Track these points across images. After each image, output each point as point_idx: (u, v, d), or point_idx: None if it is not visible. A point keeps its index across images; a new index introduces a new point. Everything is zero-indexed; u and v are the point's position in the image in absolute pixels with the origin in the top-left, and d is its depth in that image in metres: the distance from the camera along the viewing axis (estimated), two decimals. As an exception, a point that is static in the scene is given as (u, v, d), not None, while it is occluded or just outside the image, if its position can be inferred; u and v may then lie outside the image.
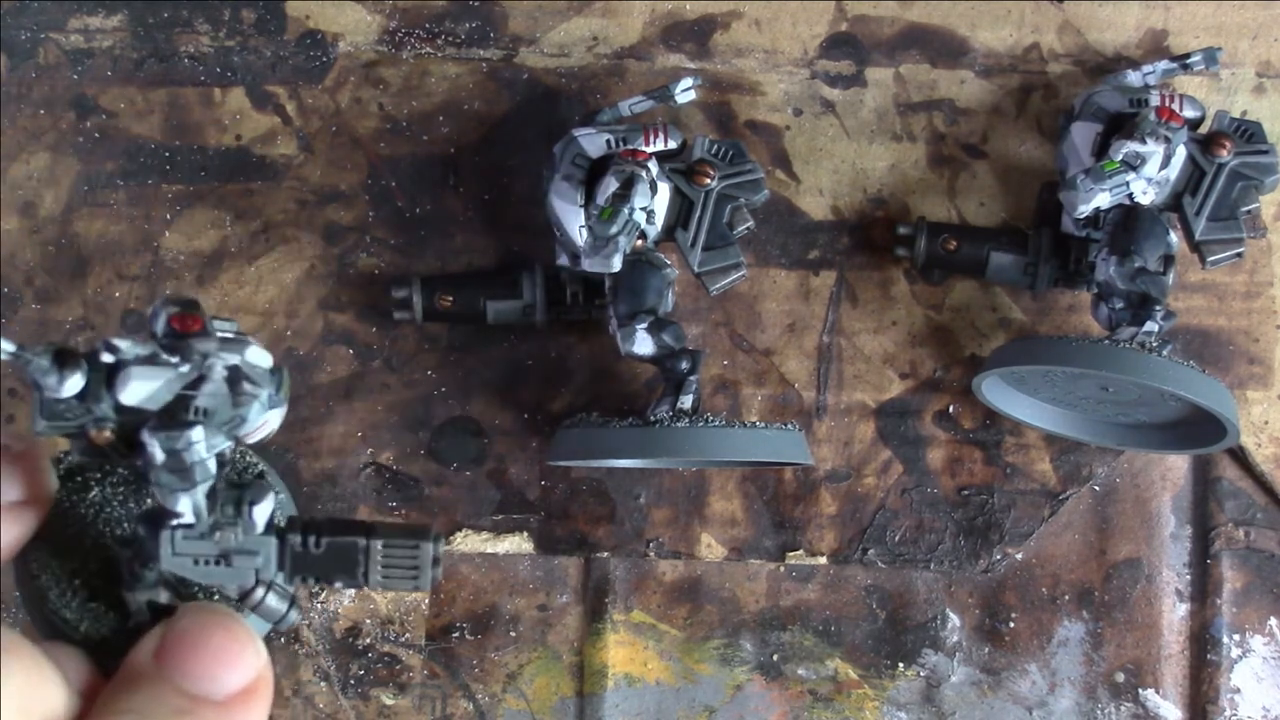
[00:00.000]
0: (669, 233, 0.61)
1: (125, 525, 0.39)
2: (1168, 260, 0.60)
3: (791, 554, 0.67)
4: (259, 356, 0.37)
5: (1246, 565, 0.67)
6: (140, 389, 0.35)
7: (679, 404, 0.60)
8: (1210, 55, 0.64)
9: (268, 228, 0.67)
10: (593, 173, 0.60)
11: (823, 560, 0.67)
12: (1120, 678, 0.67)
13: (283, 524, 0.38)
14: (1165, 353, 0.58)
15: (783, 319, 0.67)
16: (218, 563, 0.37)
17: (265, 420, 0.37)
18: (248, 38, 0.67)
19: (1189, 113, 0.61)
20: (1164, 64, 0.64)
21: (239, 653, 0.35)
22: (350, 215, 0.67)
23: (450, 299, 0.64)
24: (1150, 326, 0.59)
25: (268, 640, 0.41)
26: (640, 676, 0.68)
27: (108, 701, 0.34)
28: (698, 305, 0.67)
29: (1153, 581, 0.67)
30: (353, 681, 0.67)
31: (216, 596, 0.40)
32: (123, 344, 0.35)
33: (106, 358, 0.35)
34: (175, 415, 0.36)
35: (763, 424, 0.61)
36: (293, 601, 0.40)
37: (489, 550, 0.67)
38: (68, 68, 0.67)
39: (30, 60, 0.67)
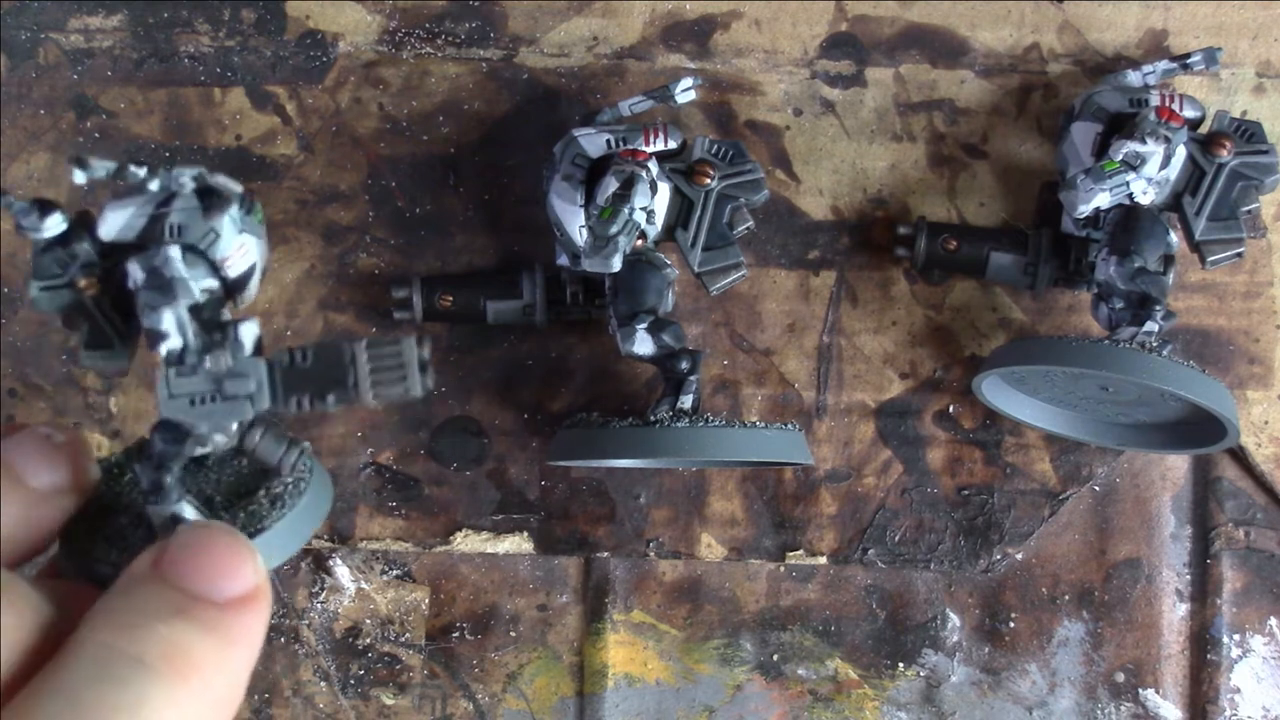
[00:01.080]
0: (669, 233, 0.61)
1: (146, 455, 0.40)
2: (1168, 260, 0.60)
3: (791, 554, 0.67)
4: (228, 180, 0.38)
5: (1246, 565, 0.67)
6: (116, 219, 0.37)
7: (679, 404, 0.60)
8: (1210, 55, 0.64)
9: (268, 228, 0.67)
10: (593, 173, 0.60)
11: (823, 560, 0.67)
12: (1120, 678, 0.67)
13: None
14: (1165, 353, 0.58)
15: (783, 319, 0.67)
16: (213, 398, 0.38)
17: (242, 244, 0.38)
18: (248, 38, 0.67)
19: (1189, 113, 0.61)
20: (1164, 64, 0.64)
21: (238, 563, 0.35)
22: (350, 215, 0.67)
23: (450, 299, 0.64)
24: (1150, 326, 0.59)
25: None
26: (640, 676, 0.68)
27: (104, 604, 0.34)
28: (698, 305, 0.67)
29: (1153, 581, 0.67)
30: (353, 681, 0.67)
31: (239, 510, 0.40)
32: (91, 158, 0.36)
33: (78, 176, 0.36)
34: (152, 242, 0.37)
35: (763, 424, 0.61)
36: (291, 441, 0.40)
37: (489, 550, 0.67)
38: (68, 68, 0.67)
39: (30, 60, 0.67)
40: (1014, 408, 0.65)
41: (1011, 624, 0.67)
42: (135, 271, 0.37)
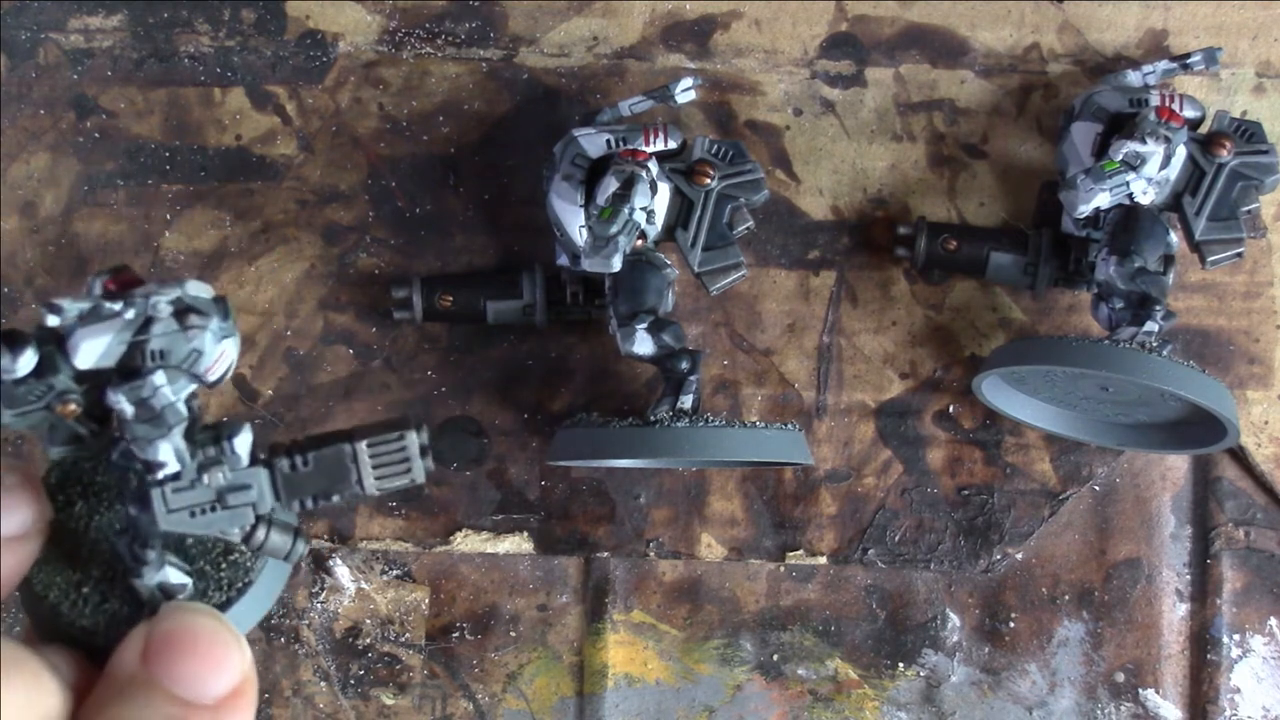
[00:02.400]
0: (669, 233, 0.61)
1: (117, 524, 0.39)
2: (1168, 260, 0.60)
3: (791, 554, 0.67)
4: (199, 288, 0.37)
5: (1246, 565, 0.67)
6: (92, 348, 0.36)
7: (679, 404, 0.60)
8: (1210, 55, 0.64)
9: (268, 228, 0.67)
10: (593, 173, 0.60)
11: (823, 560, 0.67)
12: (1120, 678, 0.67)
13: (264, 455, 0.38)
14: (1165, 353, 0.58)
15: (783, 319, 0.67)
16: (213, 508, 0.37)
17: (222, 351, 0.37)
18: (248, 38, 0.67)
19: (1189, 113, 0.61)
20: (1164, 64, 0.64)
21: (225, 655, 0.35)
22: (350, 215, 0.67)
23: (450, 299, 0.64)
24: (1150, 326, 0.59)
25: (264, 621, 0.41)
26: (640, 676, 0.68)
27: (98, 707, 0.34)
28: (698, 305, 0.67)
29: (1153, 581, 0.67)
30: (353, 681, 0.67)
31: (222, 561, 0.40)
32: (64, 302, 0.36)
33: (51, 320, 0.35)
34: (133, 366, 0.36)
35: (763, 424, 0.61)
36: (297, 533, 0.40)
37: (489, 550, 0.67)
38: (68, 68, 0.67)
39: (30, 60, 0.67)
40: (1014, 408, 0.65)
41: (1011, 624, 0.67)
42: (123, 404, 0.36)
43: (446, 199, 0.67)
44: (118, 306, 0.36)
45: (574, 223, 0.60)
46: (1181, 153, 0.60)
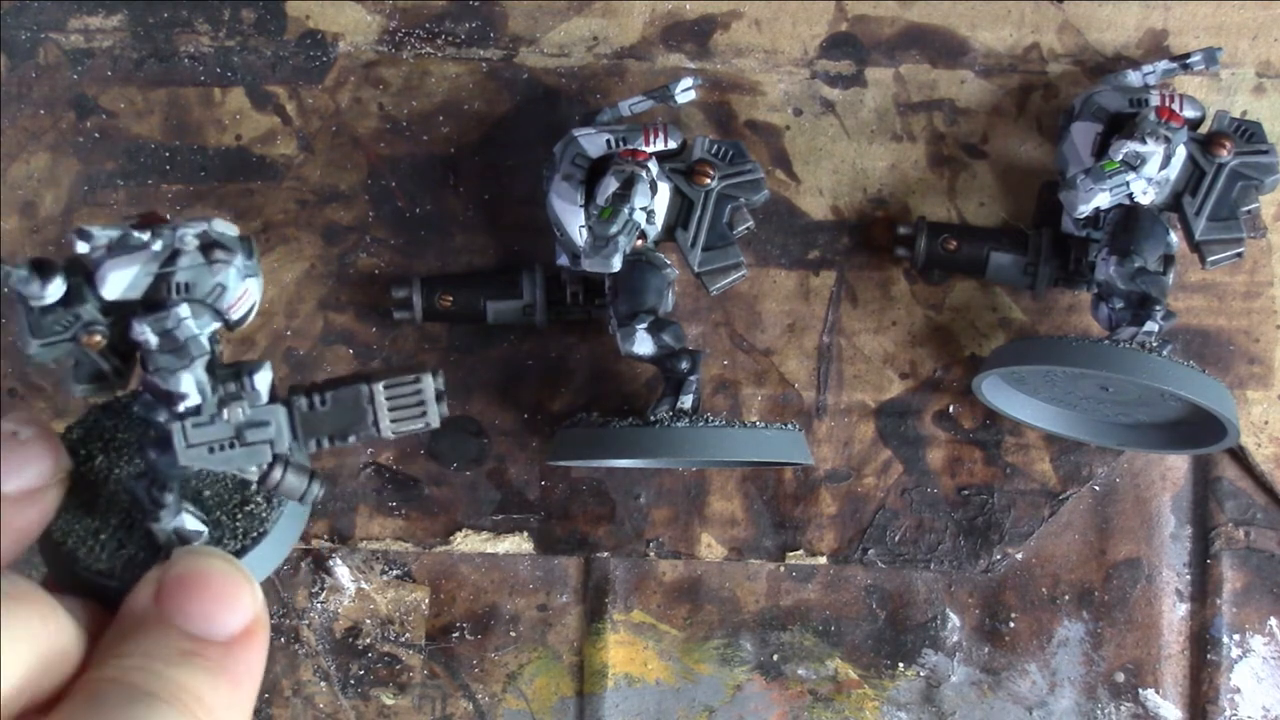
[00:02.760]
0: (669, 233, 0.61)
1: (137, 472, 0.40)
2: (1168, 260, 0.60)
3: (791, 554, 0.67)
4: (225, 225, 0.38)
5: (1246, 565, 0.67)
6: (120, 279, 0.36)
7: (679, 404, 0.60)
8: (1210, 55, 0.64)
9: (268, 228, 0.67)
10: (593, 173, 0.60)
11: (823, 560, 0.67)
12: (1120, 678, 0.67)
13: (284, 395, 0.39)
14: (1165, 353, 0.58)
15: (783, 319, 0.67)
16: (232, 445, 0.38)
17: (245, 289, 0.37)
18: (248, 38, 0.67)
19: (1189, 113, 0.61)
20: (1164, 64, 0.64)
21: (237, 595, 0.36)
22: (350, 215, 0.67)
23: (450, 299, 0.64)
24: (1150, 326, 0.59)
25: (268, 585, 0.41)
26: (640, 676, 0.68)
27: (111, 645, 0.35)
28: (698, 305, 0.67)
29: (1153, 581, 0.67)
30: (353, 681, 0.67)
31: (238, 512, 0.40)
32: (94, 229, 0.36)
33: (81, 246, 0.36)
34: (159, 299, 0.37)
35: (763, 424, 0.61)
36: (312, 475, 0.40)
37: (489, 550, 0.67)
38: (68, 68, 0.67)
39: (30, 60, 0.67)
40: (1014, 408, 0.65)
41: (1011, 624, 0.67)
42: (147, 335, 0.36)
43: (446, 199, 0.67)
44: (145, 236, 0.36)
45: (574, 223, 0.60)
46: (1181, 153, 0.60)
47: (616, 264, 0.58)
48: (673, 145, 0.61)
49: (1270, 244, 0.67)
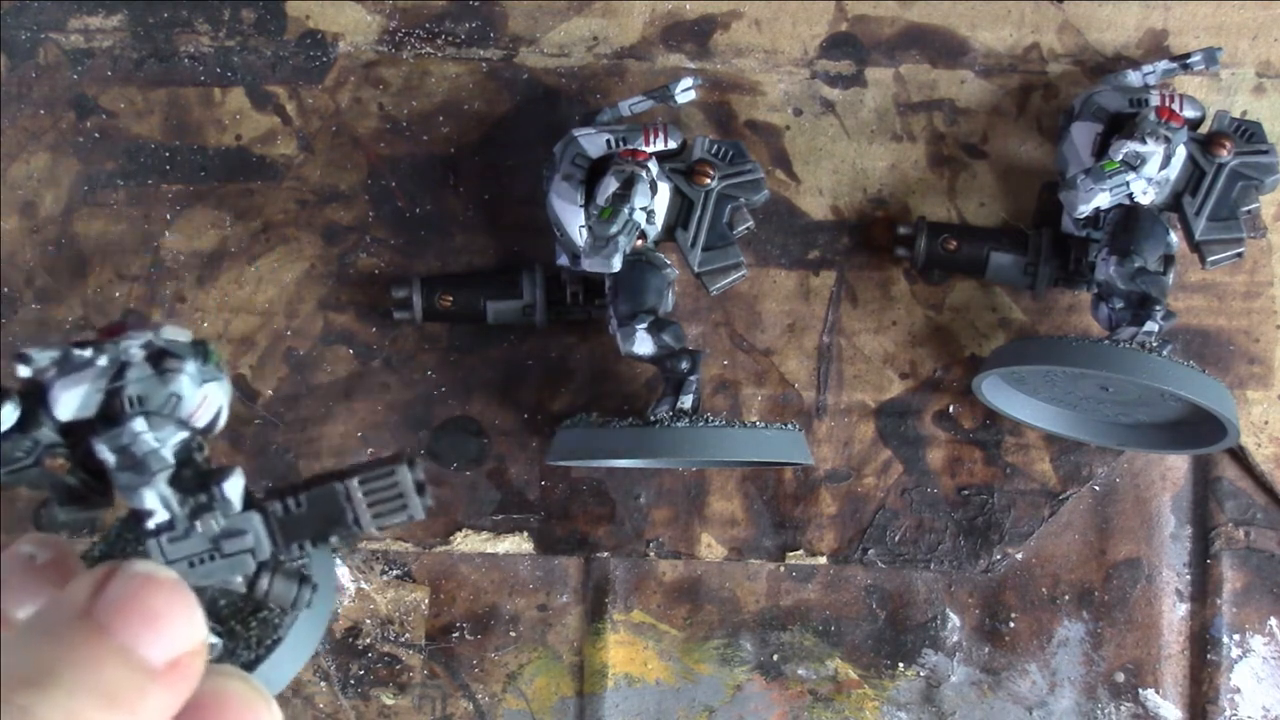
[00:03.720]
0: (669, 233, 0.61)
1: None
2: (1168, 260, 0.60)
3: (791, 554, 0.67)
4: (174, 332, 0.37)
5: (1246, 565, 0.67)
6: (71, 399, 0.35)
7: (679, 404, 0.60)
8: (1210, 55, 0.64)
9: (268, 228, 0.67)
10: (593, 173, 0.60)
11: (823, 560, 0.67)
12: (1120, 678, 0.67)
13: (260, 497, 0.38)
14: (1165, 353, 0.58)
15: (783, 319, 0.67)
16: (211, 558, 0.37)
17: (204, 396, 0.36)
18: (248, 38, 0.67)
19: (1189, 113, 0.61)
20: (1164, 64, 0.64)
21: (176, 618, 0.33)
22: (350, 215, 0.67)
23: (450, 299, 0.64)
24: (1150, 326, 0.59)
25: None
26: (640, 676, 0.68)
27: (28, 638, 0.31)
28: (698, 305, 0.67)
29: (1153, 581, 0.67)
30: (353, 681, 0.67)
31: (251, 619, 0.39)
32: (33, 351, 0.35)
33: (22, 370, 0.35)
34: (113, 414, 0.36)
35: (763, 424, 0.61)
36: (302, 580, 0.39)
37: (489, 550, 0.67)
38: (68, 68, 0.67)
39: (30, 60, 0.67)
40: (1014, 408, 0.65)
41: (1011, 624, 0.67)
42: (105, 454, 0.35)
43: (446, 199, 0.67)
44: (88, 353, 0.36)
45: (574, 223, 0.60)
46: (1181, 153, 0.60)
47: (616, 264, 0.58)
48: (673, 145, 0.61)
49: (1270, 244, 0.67)
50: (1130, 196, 0.59)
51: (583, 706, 0.68)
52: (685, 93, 0.63)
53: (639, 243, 0.61)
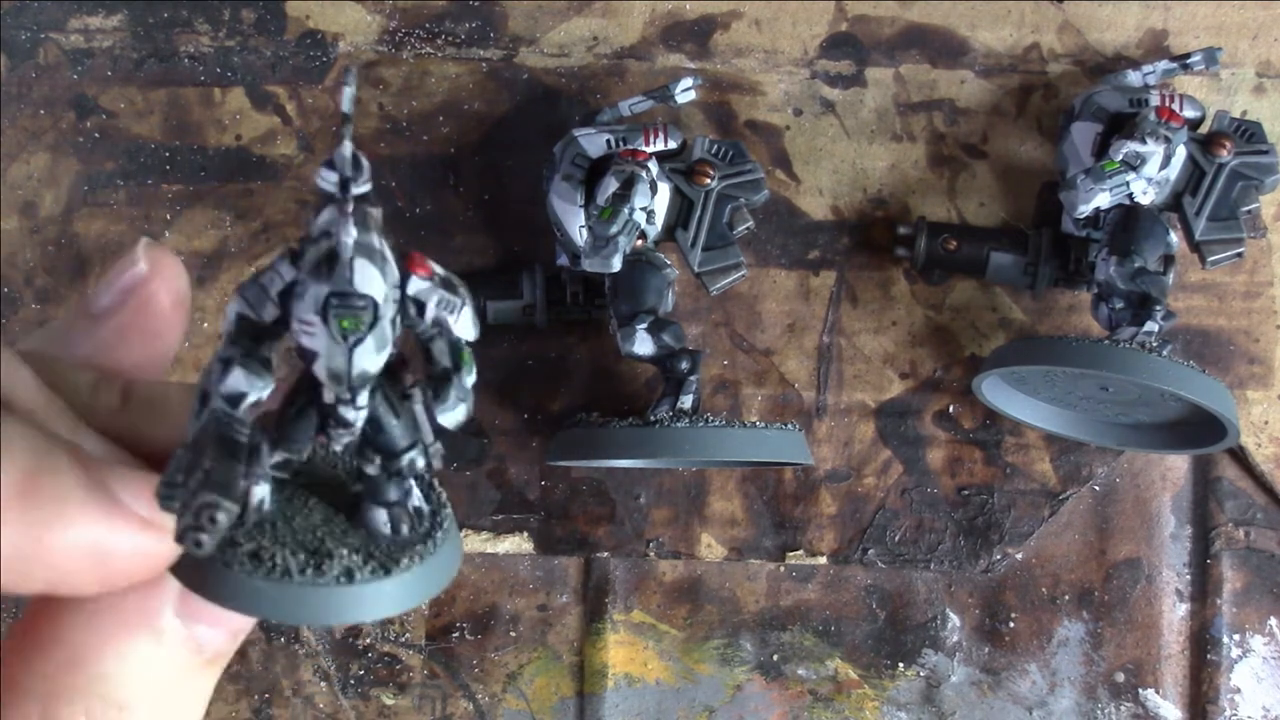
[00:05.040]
0: (669, 233, 0.61)
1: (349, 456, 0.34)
2: (1168, 260, 0.60)
3: (791, 554, 0.67)
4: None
5: (1246, 565, 0.67)
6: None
7: (679, 404, 0.60)
8: (1210, 55, 0.64)
9: (268, 228, 0.67)
10: (593, 173, 0.60)
11: (823, 560, 0.67)
12: (1120, 678, 0.67)
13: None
14: (1165, 353, 0.58)
15: (783, 319, 0.67)
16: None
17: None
18: (248, 38, 0.67)
19: (1189, 113, 0.61)
20: (1164, 64, 0.64)
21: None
22: (350, 215, 0.67)
23: (450, 299, 0.64)
24: (1150, 326, 0.59)
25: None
26: (640, 676, 0.68)
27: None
28: (698, 305, 0.67)
29: (1153, 581, 0.67)
30: (353, 681, 0.67)
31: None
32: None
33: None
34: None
35: (763, 424, 0.61)
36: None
37: (489, 550, 0.67)
38: (68, 68, 0.67)
39: (30, 60, 0.67)
40: (1014, 408, 0.65)
41: (1011, 624, 0.67)
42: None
43: (446, 199, 0.67)
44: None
45: (574, 223, 0.60)
46: (1181, 153, 0.60)
47: (616, 264, 0.58)
48: (673, 145, 0.61)
49: (1270, 244, 0.67)
50: (1130, 196, 0.59)
51: (583, 706, 0.68)
52: (685, 93, 0.63)
53: (639, 243, 0.61)
